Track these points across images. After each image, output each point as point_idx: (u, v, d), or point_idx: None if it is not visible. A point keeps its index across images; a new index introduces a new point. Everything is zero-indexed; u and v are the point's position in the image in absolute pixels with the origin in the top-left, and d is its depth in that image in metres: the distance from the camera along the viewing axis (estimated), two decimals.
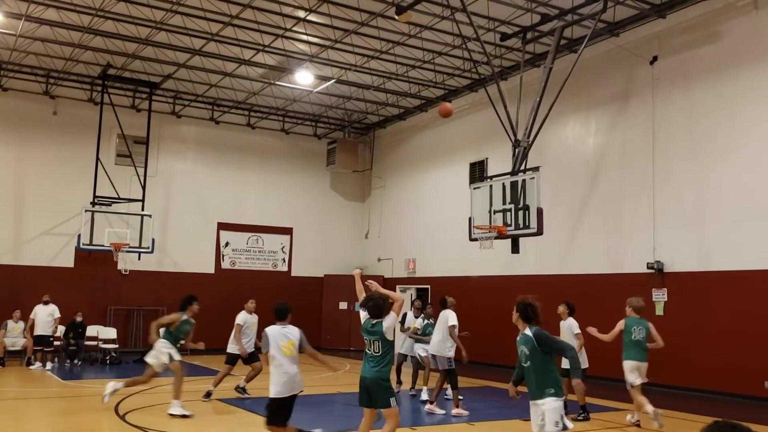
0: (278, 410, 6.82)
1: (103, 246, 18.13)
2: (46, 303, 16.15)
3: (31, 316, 16.00)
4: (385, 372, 6.51)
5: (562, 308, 10.47)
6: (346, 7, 14.21)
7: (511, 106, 13.83)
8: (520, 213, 12.84)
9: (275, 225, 22.39)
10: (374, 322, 6.56)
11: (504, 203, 13.23)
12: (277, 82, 18.69)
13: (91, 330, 17.46)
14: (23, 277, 18.15)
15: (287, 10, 14.58)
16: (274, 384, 6.82)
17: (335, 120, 22.63)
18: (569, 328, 10.25)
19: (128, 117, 19.68)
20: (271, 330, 6.95)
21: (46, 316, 15.99)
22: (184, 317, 10.09)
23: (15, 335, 16.09)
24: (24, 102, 18.97)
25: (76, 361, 16.51)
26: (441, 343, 10.74)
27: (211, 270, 21.31)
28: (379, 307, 6.57)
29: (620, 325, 9.46)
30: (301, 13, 14.64)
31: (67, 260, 19.06)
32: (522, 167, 13.44)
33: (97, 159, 18.70)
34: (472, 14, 13.14)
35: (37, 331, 15.88)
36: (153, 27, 15.32)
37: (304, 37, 16.00)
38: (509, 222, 13.03)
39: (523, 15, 14.29)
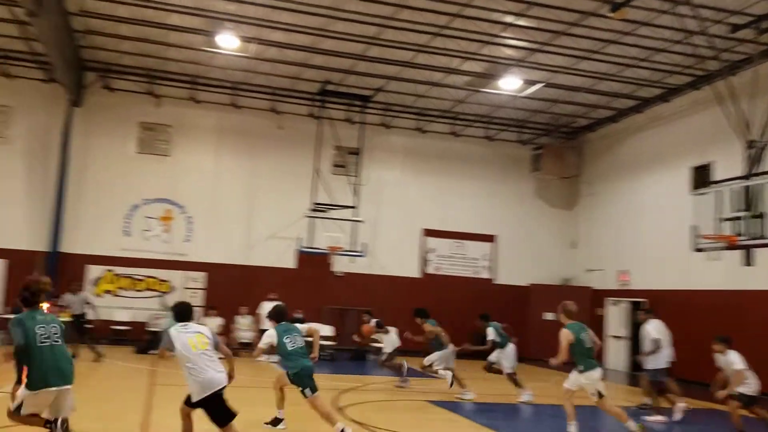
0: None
1: (320, 249, 19.45)
2: (272, 300, 17.70)
3: (258, 311, 17.65)
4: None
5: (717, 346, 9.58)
6: (555, 9, 13.85)
7: (741, 103, 12.53)
8: (755, 221, 11.59)
9: (478, 232, 22.42)
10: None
11: (734, 210, 12.05)
12: (482, 89, 18.74)
13: None
14: (253, 276, 20.02)
15: (495, 16, 14.56)
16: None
17: (541, 125, 22.14)
18: (728, 364, 9.35)
19: (342, 129, 20.93)
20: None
21: None
22: None
23: (243, 329, 17.96)
24: (254, 118, 20.96)
25: None
26: None
27: (417, 274, 21.89)
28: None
29: (568, 336, 8.58)
30: (510, 18, 14.54)
31: (290, 261, 20.69)
32: (757, 170, 12.12)
33: (316, 169, 20.12)
34: (697, 6, 12.13)
35: (264, 326, 17.43)
36: (367, 43, 16.13)
37: (512, 42, 15.87)
38: (741, 231, 11.82)
39: (758, 3, 12.89)
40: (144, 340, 17.27)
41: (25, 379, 5.89)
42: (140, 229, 19.87)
